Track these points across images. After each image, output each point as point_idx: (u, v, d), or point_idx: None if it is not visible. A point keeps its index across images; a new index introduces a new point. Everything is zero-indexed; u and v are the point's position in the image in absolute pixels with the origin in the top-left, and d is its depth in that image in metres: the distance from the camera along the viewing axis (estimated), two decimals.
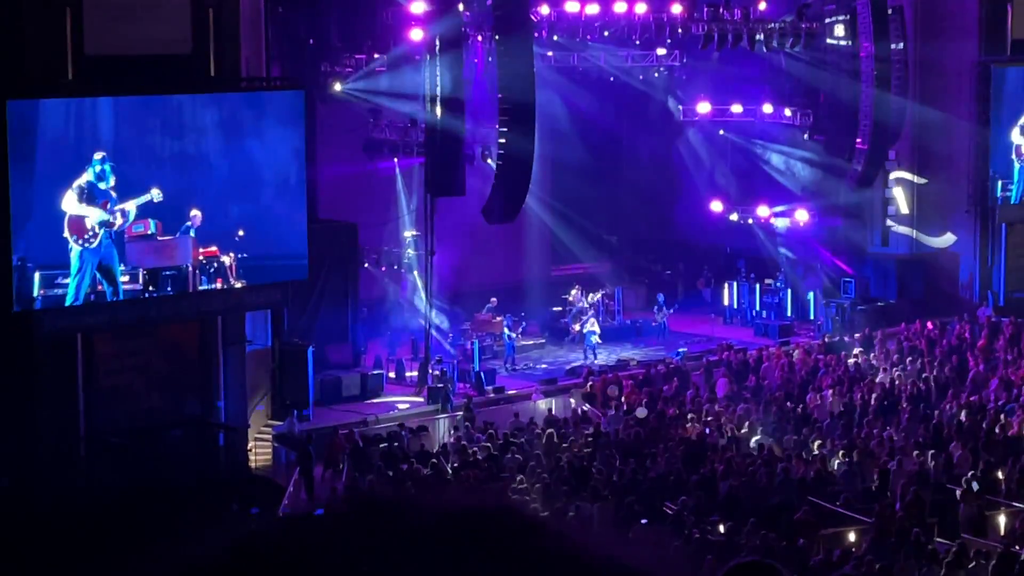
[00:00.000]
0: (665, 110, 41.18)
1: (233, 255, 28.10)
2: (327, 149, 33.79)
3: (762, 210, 40.00)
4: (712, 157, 41.80)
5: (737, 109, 39.78)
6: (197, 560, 1.81)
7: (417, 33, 32.76)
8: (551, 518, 1.87)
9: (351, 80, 34.18)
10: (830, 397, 30.67)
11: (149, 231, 27.32)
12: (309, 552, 1.78)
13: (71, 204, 26.23)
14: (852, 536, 22.32)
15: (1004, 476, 25.12)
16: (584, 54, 37.61)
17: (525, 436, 28.48)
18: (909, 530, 21.41)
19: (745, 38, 36.93)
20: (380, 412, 31.15)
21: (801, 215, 39.51)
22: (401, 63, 33.58)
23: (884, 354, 34.41)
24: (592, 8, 35.29)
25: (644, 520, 22.60)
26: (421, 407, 31.61)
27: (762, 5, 37.98)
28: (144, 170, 27.04)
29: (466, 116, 32.52)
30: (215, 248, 27.98)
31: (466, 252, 35.74)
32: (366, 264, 34.66)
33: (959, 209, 40.06)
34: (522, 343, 36.32)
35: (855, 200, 40.03)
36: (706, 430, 28.67)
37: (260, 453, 29.52)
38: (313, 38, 35.05)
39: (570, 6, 35.16)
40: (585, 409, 30.98)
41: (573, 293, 38.30)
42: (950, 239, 40.19)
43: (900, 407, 29.88)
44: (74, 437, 26.62)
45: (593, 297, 38.47)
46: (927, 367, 32.83)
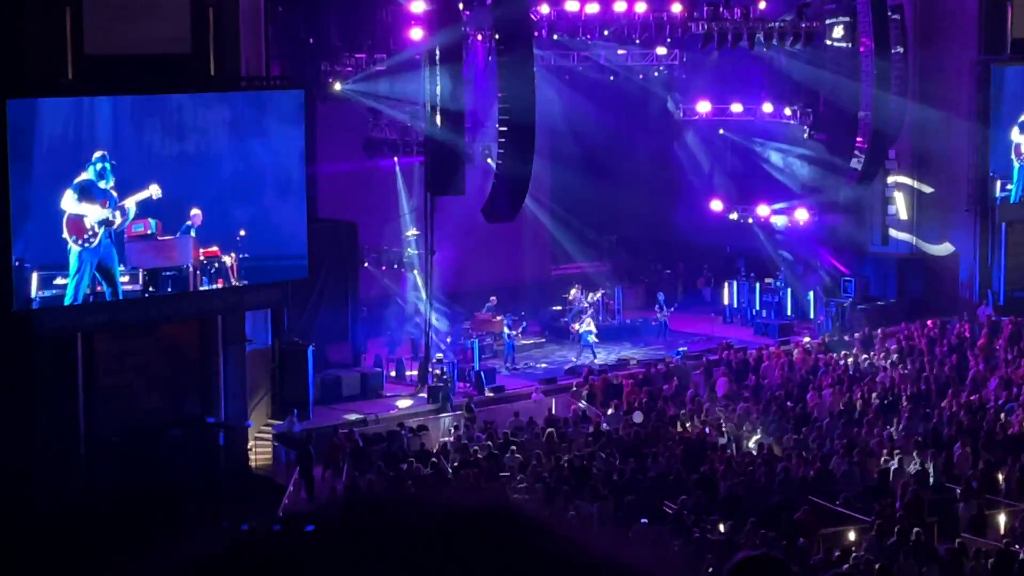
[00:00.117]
0: (665, 109, 41.18)
1: (234, 255, 28.04)
2: (327, 148, 33.76)
3: (762, 209, 39.99)
4: (712, 156, 41.81)
5: (737, 108, 39.77)
6: (197, 561, 1.81)
7: (417, 32, 32.74)
8: (551, 518, 1.87)
9: (351, 80, 34.16)
10: (830, 396, 30.66)
11: (149, 231, 27.23)
12: (307, 553, 1.78)
13: (70, 203, 26.12)
14: (852, 535, 22.31)
15: (1004, 475, 25.11)
16: (584, 53, 37.62)
17: (525, 435, 28.48)
18: (909, 529, 21.40)
19: (745, 37, 36.92)
20: (380, 411, 31.14)
21: (801, 214, 39.50)
22: (401, 67, 33.56)
23: (884, 353, 34.40)
24: (592, 7, 35.26)
25: (644, 520, 22.60)
26: (421, 406, 31.60)
27: (762, 4, 37.95)
28: (144, 170, 26.97)
29: (466, 117, 32.52)
30: (216, 248, 27.92)
31: (466, 251, 35.71)
32: (366, 263, 34.65)
33: (959, 209, 40.03)
34: (522, 342, 36.32)
35: (855, 199, 40.03)
36: (706, 429, 28.68)
37: (260, 453, 29.53)
38: (313, 37, 35.04)
39: (570, 5, 35.12)
40: (585, 408, 30.97)
41: (573, 293, 38.28)
42: (948, 248, 40.18)
43: (900, 406, 29.89)
44: (74, 437, 26.60)
45: (593, 297, 38.46)
46: (927, 366, 32.82)
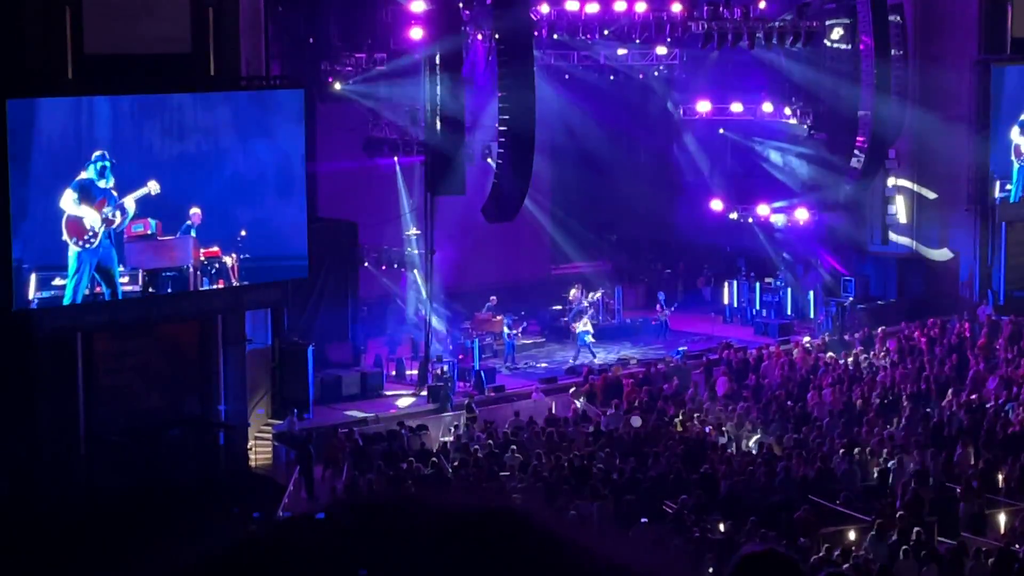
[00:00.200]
0: (665, 109, 41.18)
1: (235, 256, 28.00)
2: (327, 148, 33.75)
3: (762, 209, 39.98)
4: (712, 156, 41.78)
5: (737, 108, 39.76)
6: (197, 562, 1.80)
7: (417, 32, 32.73)
8: (551, 519, 1.87)
9: (351, 80, 34.16)
10: (830, 396, 30.65)
11: (149, 231, 27.17)
12: (309, 554, 1.78)
13: (69, 203, 26.04)
14: (852, 535, 22.30)
15: (1004, 475, 25.11)
16: (584, 53, 37.60)
17: (525, 435, 28.48)
18: (909, 529, 21.40)
19: (745, 37, 36.91)
20: (380, 411, 31.14)
21: (801, 213, 39.49)
22: (401, 68, 33.55)
23: (884, 352, 34.40)
24: (592, 7, 35.24)
25: (644, 519, 22.60)
26: (421, 405, 31.58)
27: (762, 4, 37.92)
28: (144, 169, 26.91)
29: (466, 117, 32.52)
30: (217, 248, 27.88)
31: (466, 251, 35.69)
32: (366, 263, 34.63)
33: (959, 208, 40.03)
34: (522, 342, 36.31)
35: (855, 199, 40.00)
36: (706, 429, 28.68)
37: (260, 452, 29.51)
38: (313, 37, 35.04)
39: (570, 5, 35.10)
40: (580, 406, 30.97)
41: (573, 292, 38.25)
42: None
43: (900, 406, 29.89)
44: (74, 436, 26.59)
45: (593, 296, 38.45)
46: (927, 366, 32.81)
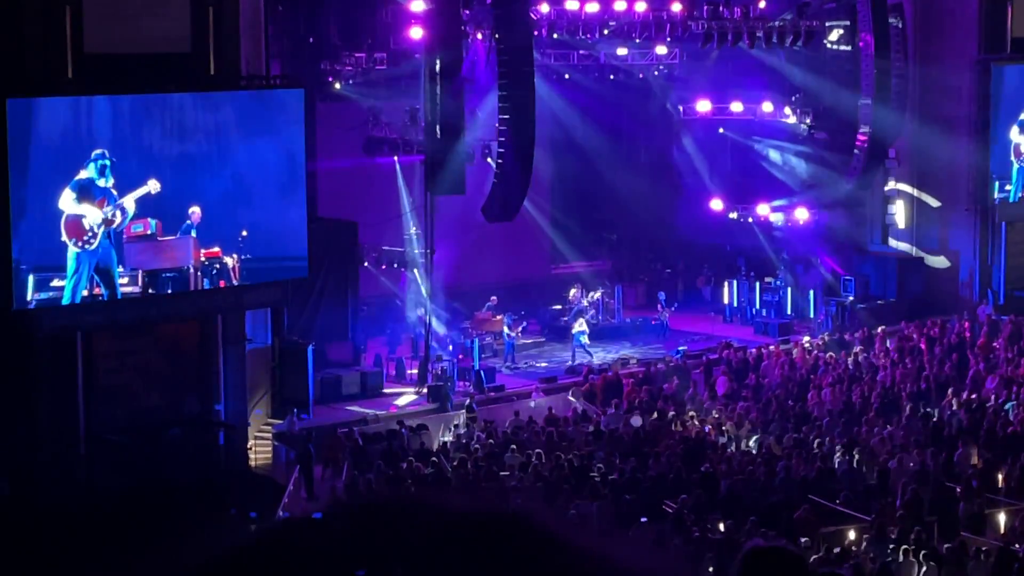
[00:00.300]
0: (665, 109, 41.18)
1: (236, 256, 27.98)
2: (327, 147, 33.76)
3: (762, 208, 39.99)
4: (712, 155, 41.78)
5: (737, 107, 39.76)
6: (198, 563, 1.80)
7: (417, 31, 32.73)
8: (552, 521, 1.86)
9: (351, 80, 34.15)
10: (830, 395, 30.64)
11: (149, 231, 27.12)
12: (309, 556, 1.78)
13: (68, 203, 26.00)
14: (852, 534, 22.31)
15: (1004, 474, 25.11)
16: (584, 52, 37.59)
17: (525, 434, 28.47)
18: (909, 528, 21.40)
19: (745, 36, 36.91)
20: (380, 410, 31.13)
21: (801, 213, 39.49)
22: (401, 68, 33.58)
23: (884, 352, 34.39)
24: (592, 7, 35.24)
25: (644, 519, 22.60)
26: (421, 405, 31.58)
27: (762, 3, 37.89)
28: (143, 169, 26.89)
29: (465, 117, 32.52)
30: (218, 249, 27.84)
31: (466, 250, 35.70)
32: (366, 263, 34.62)
33: (959, 208, 40.02)
34: (522, 342, 36.31)
35: (855, 198, 40.00)
36: (706, 428, 28.67)
37: (260, 452, 29.51)
38: (313, 36, 35.05)
39: (570, 4, 35.10)
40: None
41: (572, 292, 38.27)
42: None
43: (900, 405, 29.88)
44: (74, 436, 26.59)
45: (593, 296, 38.45)
46: (927, 365, 32.81)
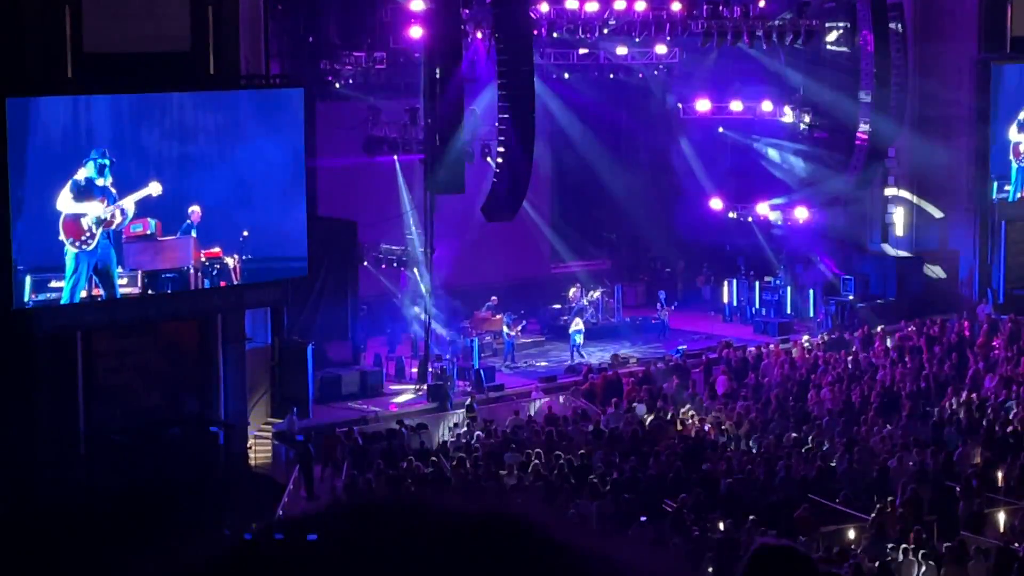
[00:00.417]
0: (665, 108, 41.17)
1: (237, 257, 27.95)
2: (327, 146, 33.74)
3: (761, 207, 39.98)
4: (712, 155, 41.76)
5: (737, 107, 39.73)
6: (200, 566, 1.80)
7: (416, 31, 32.72)
8: (551, 519, 1.86)
9: (351, 79, 34.15)
10: (830, 394, 30.64)
11: (148, 231, 27.08)
12: (310, 561, 1.77)
13: (67, 203, 25.95)
14: (852, 533, 22.31)
15: (1003, 473, 25.12)
16: (584, 51, 37.57)
17: (525, 434, 28.47)
18: (909, 528, 21.41)
19: (745, 35, 36.91)
20: (380, 409, 31.13)
21: (800, 212, 39.49)
22: (400, 69, 33.58)
23: (884, 351, 34.39)
24: (591, 6, 35.23)
25: (644, 518, 22.60)
26: (421, 404, 31.58)
27: (761, 2, 37.87)
28: (143, 168, 26.90)
29: (465, 116, 32.53)
30: (218, 249, 27.82)
31: (466, 250, 35.70)
32: (365, 262, 34.60)
33: (958, 207, 40.02)
34: (521, 341, 36.29)
35: (855, 197, 39.99)
36: (705, 428, 28.67)
37: (260, 451, 29.51)
38: (312, 35, 35.04)
39: (570, 3, 35.08)
40: (585, 407, 30.94)
41: (572, 291, 38.26)
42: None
43: (900, 404, 29.88)
44: (74, 435, 26.59)
45: (592, 295, 38.44)
46: (927, 364, 32.81)
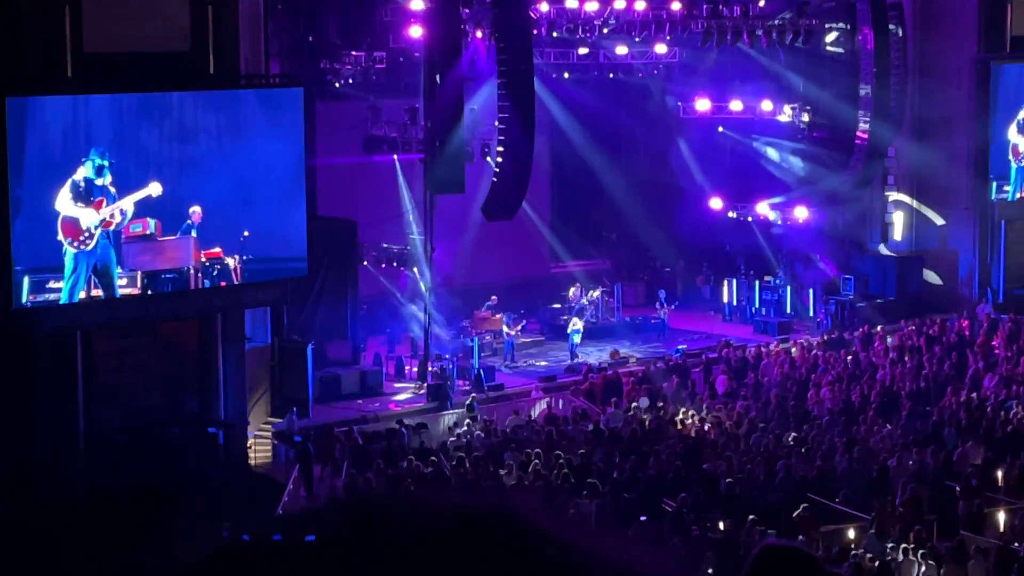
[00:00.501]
0: (665, 107, 41.16)
1: (238, 257, 27.93)
2: (326, 146, 33.74)
3: (761, 207, 39.99)
4: (711, 154, 41.75)
5: (736, 106, 39.73)
6: (200, 562, 1.80)
7: (416, 30, 32.73)
8: (550, 518, 1.87)
9: (351, 79, 34.14)
10: (829, 394, 30.65)
11: (148, 231, 27.05)
12: (309, 557, 1.78)
13: (65, 203, 25.90)
14: (851, 533, 22.31)
15: (1003, 473, 25.12)
16: (584, 51, 37.56)
17: (525, 433, 28.48)
18: (909, 527, 21.41)
19: (744, 35, 36.91)
20: (379, 409, 31.14)
21: (800, 211, 39.49)
22: (400, 68, 33.55)
23: (884, 351, 34.39)
24: (591, 5, 35.24)
25: (643, 517, 22.60)
26: (421, 403, 31.57)
27: (761, 2, 37.90)
28: (142, 168, 26.88)
29: (464, 116, 32.52)
30: (219, 250, 27.80)
31: (466, 249, 35.70)
32: (365, 261, 34.59)
33: (959, 207, 40.03)
34: (521, 341, 36.29)
35: (855, 197, 39.99)
36: (705, 427, 28.69)
37: (260, 450, 29.52)
38: (312, 35, 35.04)
39: (570, 3, 35.08)
40: (584, 407, 30.96)
41: (572, 291, 38.27)
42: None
43: (900, 404, 29.89)
44: (73, 434, 26.60)
45: (592, 295, 38.44)
46: (926, 364, 32.81)
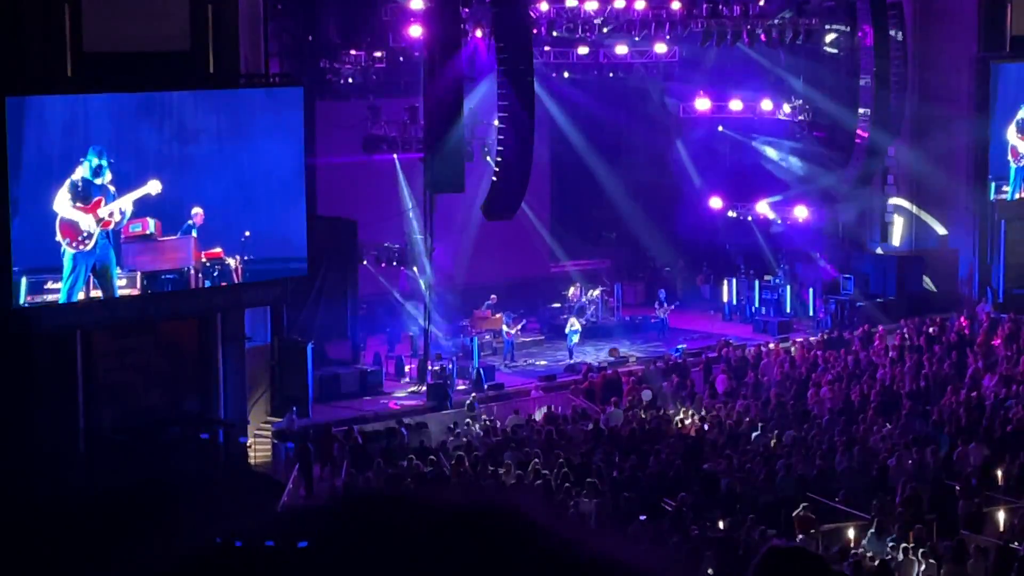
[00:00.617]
0: (664, 107, 41.14)
1: (239, 257, 27.92)
2: (326, 145, 33.75)
3: (761, 206, 39.98)
4: (711, 154, 41.75)
5: (736, 105, 39.72)
6: (196, 559, 1.81)
7: (416, 30, 32.72)
8: (550, 517, 1.87)
9: (350, 78, 34.14)
10: (829, 393, 30.65)
11: (148, 231, 27.01)
12: (309, 554, 1.78)
13: (64, 204, 25.88)
14: (851, 532, 22.31)
15: (1003, 472, 25.12)
16: (583, 50, 37.54)
17: (524, 432, 28.48)
18: (909, 526, 21.41)
19: (744, 34, 36.91)
20: (379, 408, 31.14)
21: (800, 211, 39.49)
22: (400, 68, 33.56)
23: (883, 350, 34.39)
24: (591, 4, 35.24)
25: (643, 516, 22.60)
26: (420, 403, 31.58)
27: (761, 1, 37.89)
28: (141, 167, 26.86)
29: (464, 115, 32.52)
30: (220, 250, 27.78)
31: (465, 248, 35.70)
32: (365, 261, 34.59)
33: (959, 207, 40.03)
34: (521, 340, 36.29)
35: (854, 196, 39.99)
36: (705, 426, 28.70)
37: (259, 450, 29.52)
38: (312, 34, 35.04)
39: (569, 2, 35.09)
40: (584, 406, 30.97)
41: (572, 290, 38.26)
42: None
43: (900, 403, 29.89)
44: (73, 434, 26.61)
45: (592, 294, 38.44)
46: (926, 363, 32.81)
